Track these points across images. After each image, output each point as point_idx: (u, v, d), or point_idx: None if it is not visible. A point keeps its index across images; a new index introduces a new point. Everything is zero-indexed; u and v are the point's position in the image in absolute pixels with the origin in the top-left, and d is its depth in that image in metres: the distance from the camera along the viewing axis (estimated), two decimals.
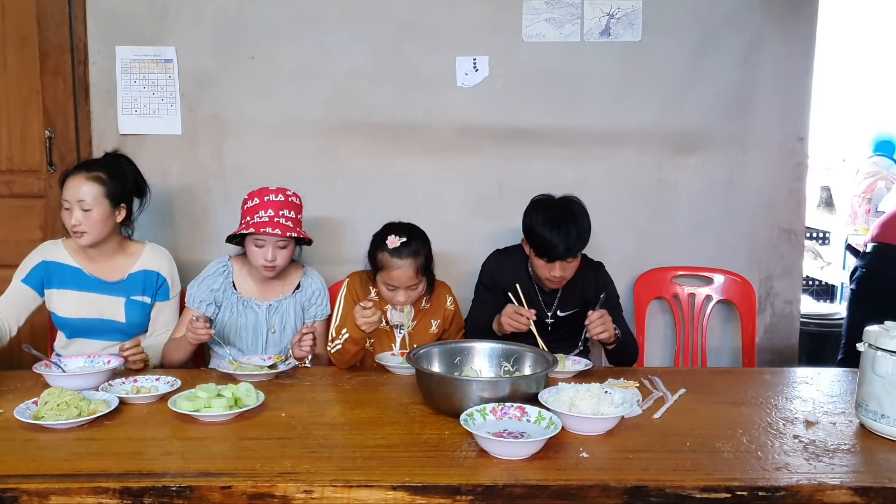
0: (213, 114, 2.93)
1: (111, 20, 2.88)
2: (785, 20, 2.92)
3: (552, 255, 2.29)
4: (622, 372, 2.21)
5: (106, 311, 2.34)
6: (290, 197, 2.39)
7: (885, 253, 2.74)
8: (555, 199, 2.39)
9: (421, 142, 2.95)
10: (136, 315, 2.37)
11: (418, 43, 2.90)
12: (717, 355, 3.06)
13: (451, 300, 2.43)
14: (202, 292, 2.39)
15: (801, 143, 3.00)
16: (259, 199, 2.35)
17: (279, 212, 2.32)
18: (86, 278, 2.34)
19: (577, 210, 2.34)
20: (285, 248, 2.35)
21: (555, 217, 2.30)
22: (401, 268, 2.23)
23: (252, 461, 1.50)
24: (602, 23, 2.90)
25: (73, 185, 2.26)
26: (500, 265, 2.52)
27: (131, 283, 2.37)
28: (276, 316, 2.42)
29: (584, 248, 2.37)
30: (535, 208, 2.37)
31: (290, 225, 2.33)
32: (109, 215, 2.30)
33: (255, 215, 2.32)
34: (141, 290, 2.38)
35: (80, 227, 2.25)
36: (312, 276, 2.51)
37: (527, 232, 2.36)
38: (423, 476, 1.44)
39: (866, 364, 1.69)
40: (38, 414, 1.70)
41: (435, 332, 2.39)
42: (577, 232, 2.29)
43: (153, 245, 2.47)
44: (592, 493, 1.41)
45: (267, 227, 2.28)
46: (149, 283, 2.39)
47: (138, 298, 2.37)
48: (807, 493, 1.42)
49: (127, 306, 2.35)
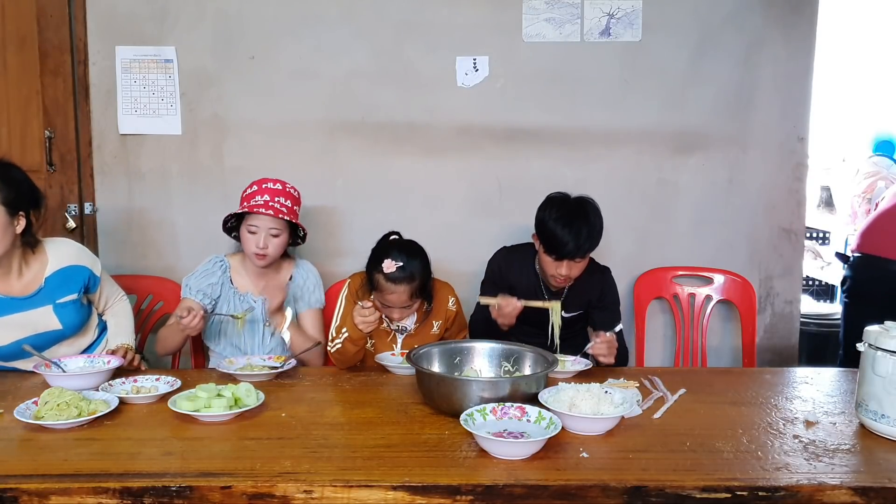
0: (213, 114, 2.93)
1: (111, 20, 2.88)
2: (785, 20, 2.92)
3: (561, 253, 2.28)
4: (622, 372, 2.21)
5: (38, 325, 2.15)
6: (288, 188, 2.41)
7: (868, 263, 2.76)
8: (570, 198, 2.38)
9: (421, 142, 2.95)
10: (70, 316, 2.20)
11: (418, 43, 2.90)
12: (717, 355, 3.06)
13: (454, 300, 2.42)
14: (199, 283, 2.39)
15: (801, 143, 3.00)
16: (257, 187, 2.38)
17: (275, 198, 2.34)
18: (2, 302, 2.11)
19: (590, 210, 2.33)
20: (278, 236, 2.34)
21: (568, 214, 2.29)
22: (395, 293, 2.19)
23: (252, 461, 1.50)
24: (602, 23, 2.90)
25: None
26: (507, 262, 2.53)
27: (51, 287, 2.16)
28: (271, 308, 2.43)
29: (594, 250, 2.35)
30: (550, 204, 2.36)
31: (284, 211, 2.33)
32: (8, 225, 2.04)
33: (251, 200, 2.35)
34: (65, 290, 2.19)
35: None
36: (303, 266, 2.50)
37: (539, 226, 2.36)
38: (423, 476, 1.44)
39: (866, 364, 1.69)
40: (38, 414, 1.70)
41: (437, 332, 2.39)
42: (588, 231, 2.28)
43: (51, 240, 2.25)
44: (592, 493, 1.41)
45: (260, 209, 2.29)
46: (70, 279, 2.20)
47: (65, 299, 2.18)
48: (807, 493, 1.42)
49: (57, 311, 2.17)
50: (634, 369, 2.57)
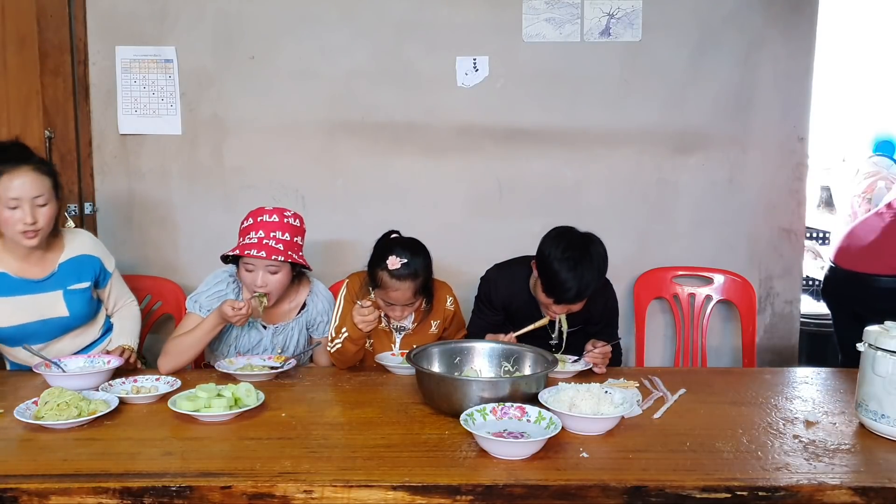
0: (213, 114, 2.93)
1: (111, 20, 2.88)
2: (785, 20, 2.92)
3: (561, 299, 2.14)
4: (622, 372, 2.21)
5: (45, 310, 2.17)
6: (287, 218, 2.21)
7: (838, 276, 2.78)
8: (575, 236, 2.20)
9: (421, 142, 2.95)
10: (79, 305, 2.22)
11: (418, 43, 2.90)
12: (717, 355, 3.06)
13: (452, 300, 2.41)
14: (211, 304, 2.21)
15: (801, 143, 2.99)
16: (253, 220, 2.21)
17: (270, 233, 2.16)
18: (13, 282, 2.14)
19: (595, 253, 2.16)
20: (276, 273, 2.17)
21: (573, 257, 2.11)
22: (399, 290, 2.16)
23: (252, 461, 1.50)
24: (602, 23, 2.90)
25: (21, 181, 2.03)
26: (500, 281, 2.42)
27: (64, 272, 2.19)
28: (281, 337, 2.34)
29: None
30: (555, 241, 2.17)
31: (281, 248, 2.14)
32: (57, 210, 2.12)
33: (246, 236, 2.18)
34: (77, 277, 2.21)
35: (37, 225, 2.05)
36: (318, 294, 2.38)
37: (540, 263, 2.19)
38: (423, 476, 1.44)
39: (866, 364, 1.69)
40: (38, 414, 1.70)
41: (435, 332, 2.38)
42: (591, 277, 2.12)
43: (70, 229, 2.30)
44: (592, 493, 1.41)
45: (253, 249, 2.13)
46: (84, 267, 2.23)
47: (77, 286, 2.21)
48: (807, 493, 1.42)
49: (66, 298, 2.19)
50: (634, 369, 2.58)
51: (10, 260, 2.15)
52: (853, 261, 2.71)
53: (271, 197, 2.91)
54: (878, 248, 2.67)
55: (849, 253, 2.74)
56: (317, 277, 2.45)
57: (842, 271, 2.74)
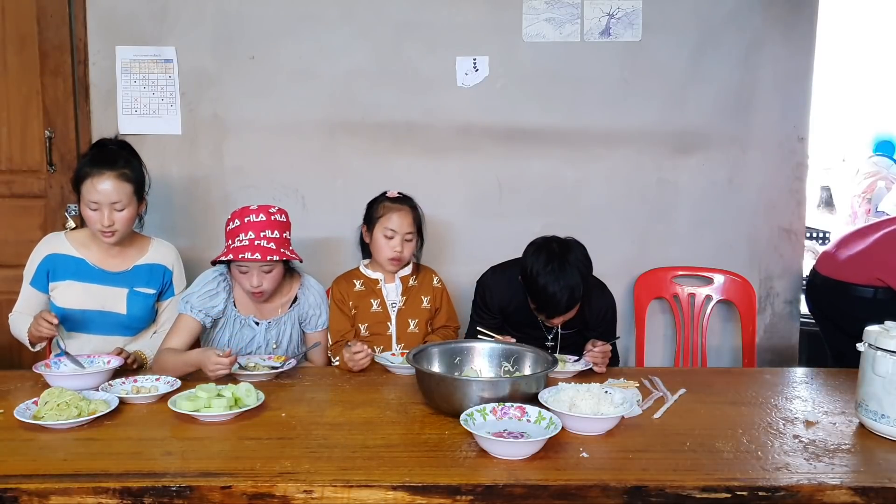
0: (213, 114, 2.93)
1: (111, 20, 2.88)
2: (785, 20, 2.92)
3: (552, 313, 2.19)
4: (622, 372, 2.21)
5: (107, 302, 2.29)
6: (273, 215, 2.22)
7: (816, 282, 2.78)
8: (554, 246, 2.19)
9: (421, 142, 2.95)
10: (139, 307, 2.32)
11: (418, 43, 2.90)
12: (717, 355, 3.06)
13: (438, 279, 2.52)
14: (203, 303, 2.24)
15: (801, 143, 3.00)
16: (240, 221, 2.20)
17: (260, 233, 2.16)
18: (89, 269, 2.30)
19: (575, 262, 2.16)
20: (271, 271, 2.20)
21: (556, 270, 2.13)
22: (400, 212, 2.37)
23: (252, 461, 1.50)
24: (602, 23, 2.90)
25: (103, 186, 2.18)
26: (496, 284, 2.42)
27: (136, 274, 2.33)
28: (274, 332, 2.34)
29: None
30: (535, 254, 2.19)
31: (273, 247, 2.16)
32: (136, 212, 2.30)
33: (235, 239, 2.18)
34: (145, 282, 2.34)
35: (113, 227, 2.21)
36: (309, 287, 2.38)
37: (525, 279, 2.21)
38: (423, 476, 1.44)
39: (866, 364, 1.69)
40: (38, 414, 1.70)
41: (427, 307, 2.45)
42: (577, 286, 2.14)
43: (160, 240, 2.44)
44: (592, 493, 1.41)
45: (246, 252, 2.13)
46: (154, 275, 2.36)
47: (142, 290, 2.33)
48: (807, 493, 1.42)
49: (129, 298, 2.31)
50: (634, 369, 2.58)
51: (93, 248, 2.32)
52: (832, 268, 2.71)
53: (271, 197, 2.90)
54: (858, 258, 2.66)
55: (832, 260, 2.74)
56: (317, 277, 2.46)
57: (820, 277, 2.74)
